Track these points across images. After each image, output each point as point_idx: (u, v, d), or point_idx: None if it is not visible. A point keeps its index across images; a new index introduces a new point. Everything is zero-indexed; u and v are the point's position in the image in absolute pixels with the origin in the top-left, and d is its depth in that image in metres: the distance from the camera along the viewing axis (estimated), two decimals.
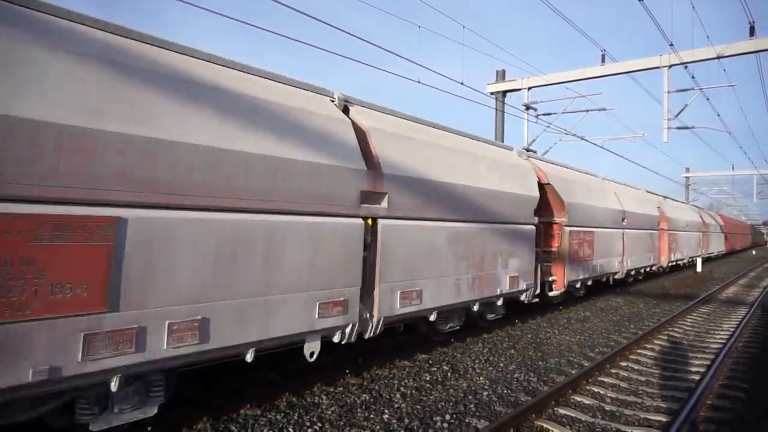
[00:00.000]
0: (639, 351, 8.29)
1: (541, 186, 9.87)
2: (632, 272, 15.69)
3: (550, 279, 10.31)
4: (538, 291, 9.35)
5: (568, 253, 10.51)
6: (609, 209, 13.08)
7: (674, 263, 21.16)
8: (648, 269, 17.45)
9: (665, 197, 22.15)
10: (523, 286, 8.64)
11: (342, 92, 5.94)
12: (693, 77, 14.49)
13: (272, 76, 5.18)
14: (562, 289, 10.48)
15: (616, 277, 13.82)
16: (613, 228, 13.34)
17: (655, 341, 9.10)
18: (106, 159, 3.45)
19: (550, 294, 10.37)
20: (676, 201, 24.77)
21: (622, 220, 14.10)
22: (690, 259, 23.93)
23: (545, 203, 10.26)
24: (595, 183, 13.12)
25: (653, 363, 7.67)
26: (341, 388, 5.82)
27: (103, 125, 3.45)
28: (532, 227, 8.98)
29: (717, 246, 33.61)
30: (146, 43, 4.10)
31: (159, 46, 4.20)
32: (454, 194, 6.93)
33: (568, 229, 10.51)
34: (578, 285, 11.48)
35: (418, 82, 10.16)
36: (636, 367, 7.39)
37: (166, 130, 3.80)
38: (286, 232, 4.64)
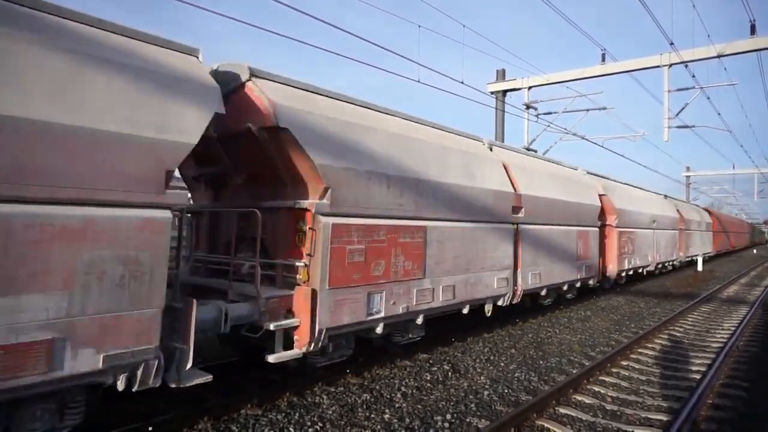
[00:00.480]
0: (640, 350, 8.29)
1: (272, 131, 5.23)
2: (542, 292, 10.11)
3: (284, 324, 5.11)
4: (190, 363, 4.23)
5: (329, 272, 5.37)
6: (472, 190, 7.68)
7: (630, 272, 15.67)
8: (576, 284, 11.74)
9: (620, 183, 16.47)
10: (81, 365, 3.55)
11: None
12: (693, 76, 14.50)
13: None
14: (309, 347, 5.26)
15: (500, 303, 8.63)
16: (485, 222, 8.01)
17: (656, 340, 9.10)
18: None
19: (271, 358, 5.07)
20: (638, 188, 18.51)
21: (515, 210, 8.84)
22: (661, 266, 19.27)
23: (287, 171, 5.53)
24: (444, 141, 7.57)
25: (654, 362, 7.67)
26: (342, 388, 5.83)
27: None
28: (159, 217, 3.99)
29: (702, 247, 27.39)
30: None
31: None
32: None
33: (329, 221, 5.41)
34: (379, 329, 6.15)
35: (418, 81, 10.15)
36: (637, 366, 7.39)
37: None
38: None
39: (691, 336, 9.64)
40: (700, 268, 24.19)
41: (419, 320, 6.87)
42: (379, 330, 6.24)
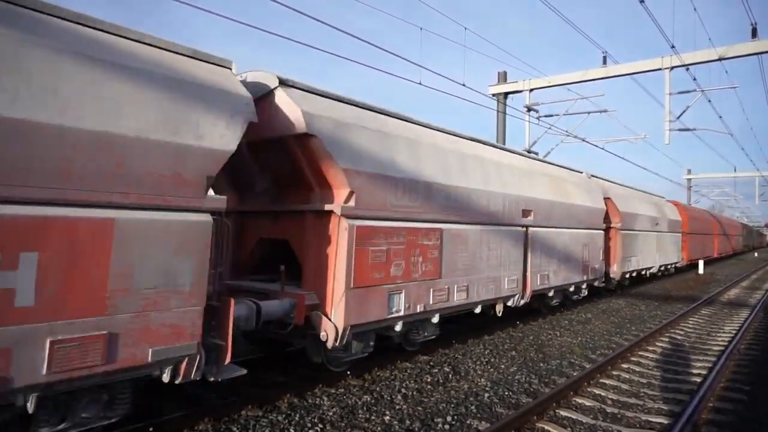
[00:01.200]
0: (640, 353, 8.28)
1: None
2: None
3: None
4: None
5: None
6: None
7: (435, 317, 7.14)
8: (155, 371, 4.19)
9: (377, 112, 6.73)
10: None
11: None
12: (695, 79, 14.51)
13: None
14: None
15: None
16: None
17: (657, 343, 9.08)
18: None
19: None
20: (478, 143, 8.71)
21: None
22: (553, 293, 10.51)
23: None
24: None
25: (655, 365, 7.66)
26: (342, 389, 5.83)
27: None
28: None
29: (663, 254, 18.62)
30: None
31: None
32: None
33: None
34: (398, 326, 6.41)
35: (420, 83, 10.16)
36: (637, 369, 7.38)
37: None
38: None
39: (692, 339, 9.63)
40: (701, 271, 24.18)
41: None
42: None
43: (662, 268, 18.98)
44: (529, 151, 14.48)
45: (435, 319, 7.18)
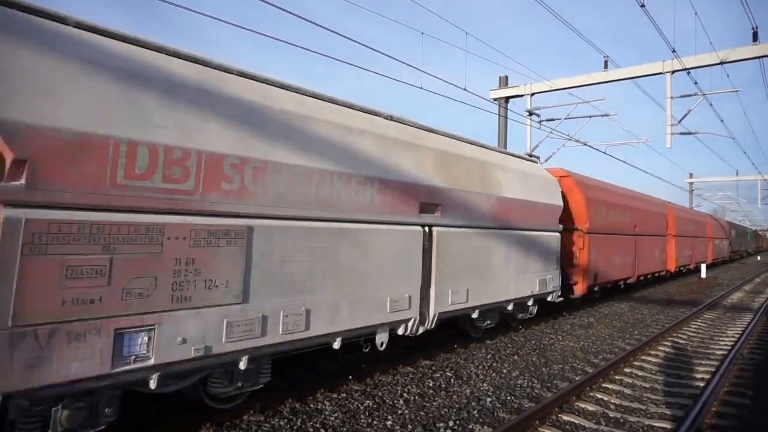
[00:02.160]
0: (643, 357, 8.25)
1: None
2: None
3: None
4: None
5: None
6: None
7: None
8: None
9: None
10: None
11: None
12: (696, 83, 14.51)
13: None
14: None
15: None
16: None
17: (660, 347, 9.06)
18: None
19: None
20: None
21: None
22: None
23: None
24: None
25: (657, 369, 7.64)
26: (344, 394, 5.82)
27: None
28: None
29: (469, 285, 7.22)
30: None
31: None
32: None
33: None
34: None
35: (421, 88, 10.19)
36: (640, 373, 7.36)
37: None
38: None
39: (695, 343, 9.60)
40: (703, 275, 24.12)
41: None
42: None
43: (470, 315, 7.65)
44: (530, 155, 14.46)
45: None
